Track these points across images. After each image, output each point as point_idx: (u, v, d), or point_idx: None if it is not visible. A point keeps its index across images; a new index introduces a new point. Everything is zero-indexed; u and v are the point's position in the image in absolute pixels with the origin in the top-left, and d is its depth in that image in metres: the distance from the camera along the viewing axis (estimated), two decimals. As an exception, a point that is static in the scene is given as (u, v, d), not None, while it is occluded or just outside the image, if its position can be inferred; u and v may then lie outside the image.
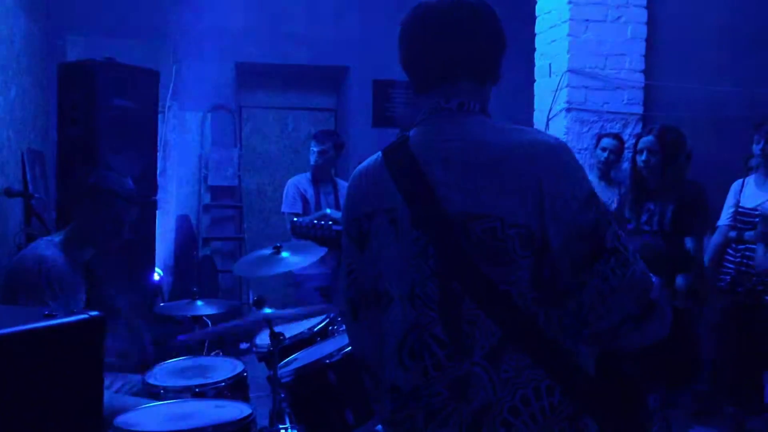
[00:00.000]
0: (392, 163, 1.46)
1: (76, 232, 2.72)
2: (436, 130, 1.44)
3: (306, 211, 4.53)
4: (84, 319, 1.20)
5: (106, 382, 2.78)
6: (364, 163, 1.55)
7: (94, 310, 1.26)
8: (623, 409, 1.42)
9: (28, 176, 4.57)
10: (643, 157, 3.60)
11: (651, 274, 1.39)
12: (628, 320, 1.34)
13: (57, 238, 2.75)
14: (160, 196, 4.93)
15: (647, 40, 4.70)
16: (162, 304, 4.39)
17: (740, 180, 3.92)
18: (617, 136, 4.53)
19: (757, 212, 3.72)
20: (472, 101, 1.45)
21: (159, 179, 4.89)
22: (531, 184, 1.33)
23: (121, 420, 2.32)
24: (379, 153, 1.52)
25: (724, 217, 3.87)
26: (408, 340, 1.42)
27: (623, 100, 4.69)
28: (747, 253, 3.70)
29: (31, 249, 2.72)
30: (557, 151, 1.37)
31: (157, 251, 4.87)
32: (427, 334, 1.40)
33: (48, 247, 2.66)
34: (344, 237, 1.55)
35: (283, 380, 2.63)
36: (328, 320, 3.09)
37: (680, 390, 3.10)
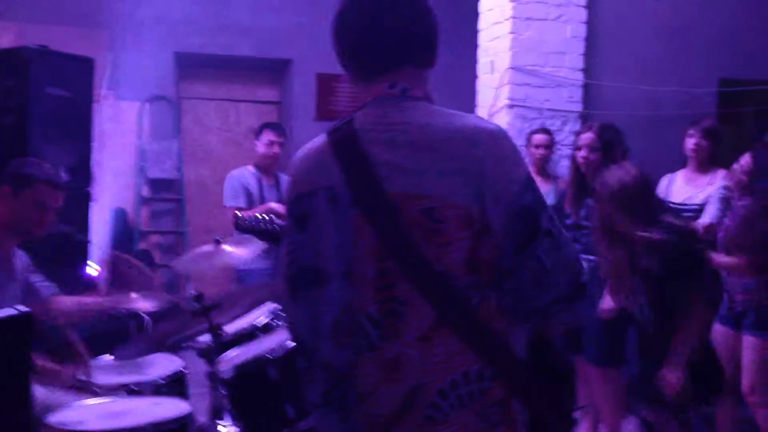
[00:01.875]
0: (335, 142, 1.48)
1: (0, 220, 2.64)
2: (381, 113, 1.46)
3: (250, 205, 4.48)
4: (11, 316, 1.15)
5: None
6: (309, 144, 1.57)
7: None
8: (551, 395, 1.45)
9: (-45, 166, 4.39)
10: (583, 154, 3.68)
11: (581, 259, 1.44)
12: (560, 300, 1.38)
13: None
14: (95, 187, 4.80)
15: (587, 40, 4.80)
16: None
17: (667, 176, 4.04)
18: (546, 130, 4.61)
19: (685, 206, 3.84)
20: (416, 87, 1.49)
21: (94, 170, 4.76)
22: (472, 167, 1.36)
23: (54, 418, 2.25)
24: (324, 134, 1.53)
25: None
26: (343, 319, 1.44)
27: (563, 98, 4.77)
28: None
29: None
30: (497, 136, 1.41)
31: (91, 245, 4.74)
32: (361, 314, 1.41)
33: None
34: (287, 216, 1.56)
35: (224, 376, 2.60)
36: (270, 315, 3.06)
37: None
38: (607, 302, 3.43)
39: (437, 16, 1.52)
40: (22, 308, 1.21)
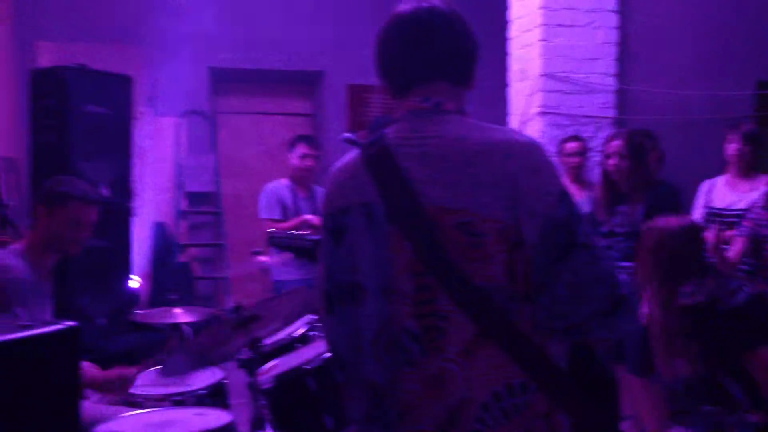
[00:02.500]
0: (369, 158, 1.49)
1: (38, 238, 2.71)
2: (414, 127, 1.47)
3: (285, 217, 4.52)
4: (60, 330, 1.19)
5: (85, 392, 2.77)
6: (343, 159, 1.58)
7: (65, 318, 1.26)
8: (596, 405, 1.44)
9: (2, 184, 4.52)
10: (613, 161, 3.66)
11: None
12: (598, 315, 1.36)
13: (19, 246, 2.74)
14: (135, 203, 4.90)
15: (619, 45, 4.76)
16: (139, 312, 4.36)
17: (708, 181, 3.99)
18: (577, 138, 4.58)
19: (727, 212, 3.78)
20: (449, 101, 1.50)
21: (134, 186, 4.85)
22: (506, 180, 1.36)
23: (100, 430, 2.31)
24: (358, 149, 1.54)
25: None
26: (383, 335, 1.44)
27: (596, 104, 4.74)
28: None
29: None
30: (531, 149, 1.41)
31: (133, 259, 4.83)
32: (401, 330, 1.41)
33: (8, 256, 2.66)
34: (322, 231, 1.58)
35: (263, 387, 2.63)
36: (308, 326, 3.09)
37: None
38: (646, 308, 3.40)
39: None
40: (70, 323, 1.25)
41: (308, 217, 4.42)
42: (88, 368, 2.61)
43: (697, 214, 3.93)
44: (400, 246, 1.41)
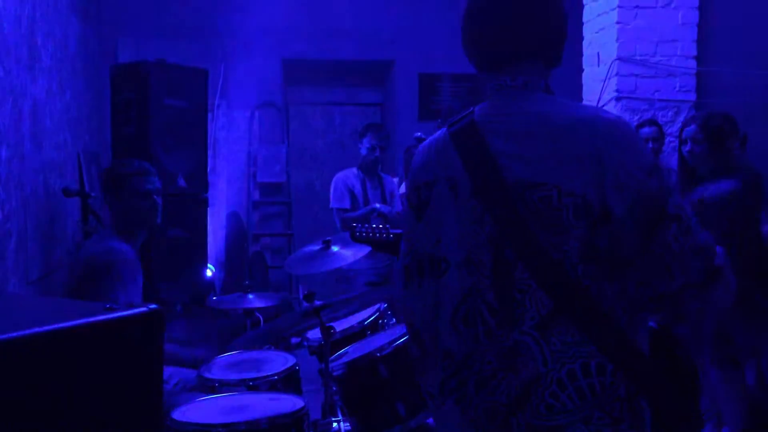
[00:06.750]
0: (456, 133, 1.51)
1: (117, 221, 2.83)
2: (501, 104, 1.49)
3: (354, 206, 4.55)
4: (144, 312, 1.22)
5: (165, 376, 2.86)
6: (432, 137, 1.62)
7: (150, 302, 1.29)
8: (678, 391, 1.41)
9: (84, 176, 4.69)
10: (688, 147, 3.54)
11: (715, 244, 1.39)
12: (691, 286, 1.35)
13: (106, 231, 2.86)
14: (210, 193, 5.01)
15: (699, 26, 4.59)
16: (214, 298, 4.47)
17: None
18: (653, 122, 4.45)
19: None
20: (537, 79, 1.50)
21: (209, 177, 4.96)
22: (591, 156, 1.35)
23: (177, 412, 2.38)
24: (445, 127, 1.57)
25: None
26: (462, 306, 1.46)
27: (675, 88, 4.60)
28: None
29: (97, 243, 2.81)
30: (618, 125, 1.40)
31: (208, 247, 4.94)
32: (480, 301, 1.43)
33: (111, 238, 2.78)
34: (405, 206, 1.62)
35: (335, 373, 2.66)
36: (378, 314, 3.10)
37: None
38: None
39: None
40: (153, 305, 1.28)
41: (377, 206, 4.44)
42: (174, 347, 2.72)
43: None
44: (482, 219, 1.43)
